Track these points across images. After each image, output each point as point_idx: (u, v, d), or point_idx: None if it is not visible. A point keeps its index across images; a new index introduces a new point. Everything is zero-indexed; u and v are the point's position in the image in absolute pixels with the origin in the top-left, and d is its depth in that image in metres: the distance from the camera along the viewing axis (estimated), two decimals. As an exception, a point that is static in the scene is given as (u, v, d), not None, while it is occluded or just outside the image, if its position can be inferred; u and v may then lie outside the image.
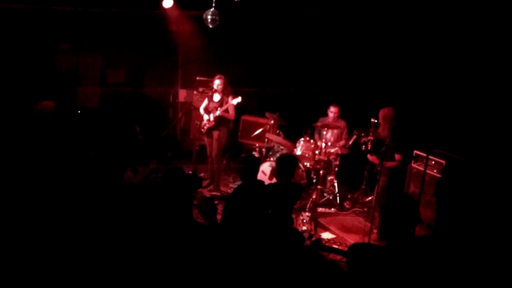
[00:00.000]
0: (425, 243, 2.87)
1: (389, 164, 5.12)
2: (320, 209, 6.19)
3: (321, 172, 6.29)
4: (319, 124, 6.60)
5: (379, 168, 5.02)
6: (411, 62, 6.19)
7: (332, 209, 6.26)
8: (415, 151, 5.61)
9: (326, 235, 5.40)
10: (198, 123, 6.57)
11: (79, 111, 6.55)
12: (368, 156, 5.48)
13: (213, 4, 6.10)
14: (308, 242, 5.05)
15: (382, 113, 5.32)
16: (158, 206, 3.31)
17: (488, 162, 5.00)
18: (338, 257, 4.77)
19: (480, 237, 4.49)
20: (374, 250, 2.95)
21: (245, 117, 7.92)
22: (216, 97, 6.40)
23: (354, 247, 3.30)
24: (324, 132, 6.40)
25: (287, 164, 4.40)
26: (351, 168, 6.70)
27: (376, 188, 5.27)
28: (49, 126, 5.72)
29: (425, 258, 2.70)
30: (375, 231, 5.24)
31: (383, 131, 5.30)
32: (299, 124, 6.70)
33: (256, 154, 6.75)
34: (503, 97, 5.11)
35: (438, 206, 5.24)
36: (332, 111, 6.52)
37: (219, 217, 3.92)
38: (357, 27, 6.76)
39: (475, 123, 5.35)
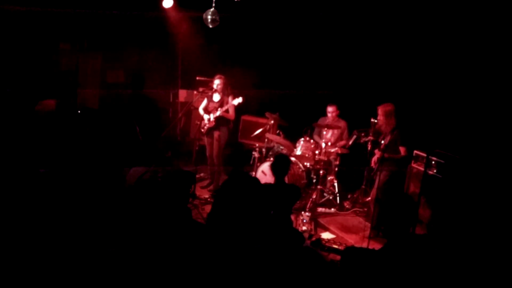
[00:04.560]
0: (424, 242, 2.87)
1: (397, 156, 5.21)
2: (320, 209, 6.19)
3: (321, 172, 6.29)
4: (319, 123, 6.61)
5: (376, 165, 5.05)
6: (411, 62, 6.19)
7: (332, 209, 6.25)
8: (415, 151, 5.61)
9: (326, 235, 5.40)
10: (198, 123, 6.57)
11: (79, 111, 6.55)
12: (376, 151, 5.48)
13: (213, 4, 6.10)
14: (308, 242, 5.05)
15: (382, 109, 5.32)
16: (155, 205, 3.31)
17: (486, 160, 5.00)
18: (338, 257, 4.77)
19: (478, 236, 4.49)
20: (370, 255, 2.94)
21: (245, 117, 7.92)
22: (216, 97, 6.40)
23: (349, 250, 3.29)
24: (324, 132, 6.40)
25: (281, 164, 4.44)
26: (351, 168, 6.70)
27: (376, 183, 5.29)
28: (51, 124, 5.72)
29: (423, 258, 2.70)
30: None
31: (385, 127, 5.30)
32: (299, 124, 6.70)
33: (256, 154, 6.76)
34: (502, 96, 5.10)
35: (430, 204, 5.25)
36: (330, 111, 6.53)
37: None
38: (357, 27, 6.76)
39: (474, 123, 5.35)
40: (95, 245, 3.13)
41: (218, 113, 6.25)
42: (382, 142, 5.40)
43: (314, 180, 6.38)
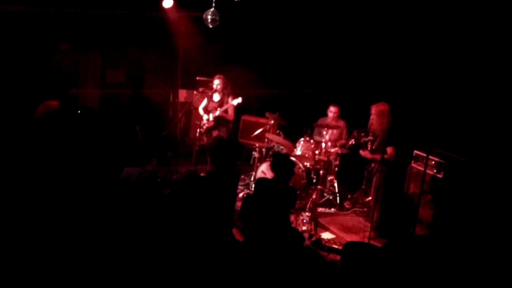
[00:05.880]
0: (424, 242, 2.86)
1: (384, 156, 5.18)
2: (320, 209, 6.19)
3: (321, 172, 6.29)
4: (319, 123, 6.62)
5: (373, 165, 5.05)
6: (411, 61, 6.18)
7: (332, 209, 6.25)
8: (415, 151, 5.60)
9: (326, 235, 5.40)
10: (198, 123, 6.58)
11: (79, 111, 6.55)
12: (360, 151, 5.50)
13: (213, 4, 6.09)
14: (308, 242, 5.05)
15: (376, 109, 5.31)
16: (154, 204, 3.31)
17: (487, 161, 4.99)
18: (338, 257, 4.77)
19: (479, 237, 4.49)
20: (370, 249, 2.93)
21: (245, 117, 7.92)
22: (216, 97, 6.40)
23: (349, 245, 3.28)
24: (324, 132, 6.40)
25: (279, 163, 4.42)
26: (351, 168, 6.69)
27: (372, 184, 5.30)
28: (54, 124, 5.72)
29: (423, 257, 2.69)
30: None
31: (379, 126, 5.29)
32: (299, 124, 6.70)
33: (256, 154, 6.76)
34: (502, 96, 5.10)
35: (434, 205, 5.25)
36: (332, 111, 6.54)
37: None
38: (356, 25, 6.76)
39: (474, 123, 5.34)
40: (94, 244, 3.13)
41: (217, 113, 6.25)
42: (362, 140, 5.43)
43: (314, 180, 6.38)
